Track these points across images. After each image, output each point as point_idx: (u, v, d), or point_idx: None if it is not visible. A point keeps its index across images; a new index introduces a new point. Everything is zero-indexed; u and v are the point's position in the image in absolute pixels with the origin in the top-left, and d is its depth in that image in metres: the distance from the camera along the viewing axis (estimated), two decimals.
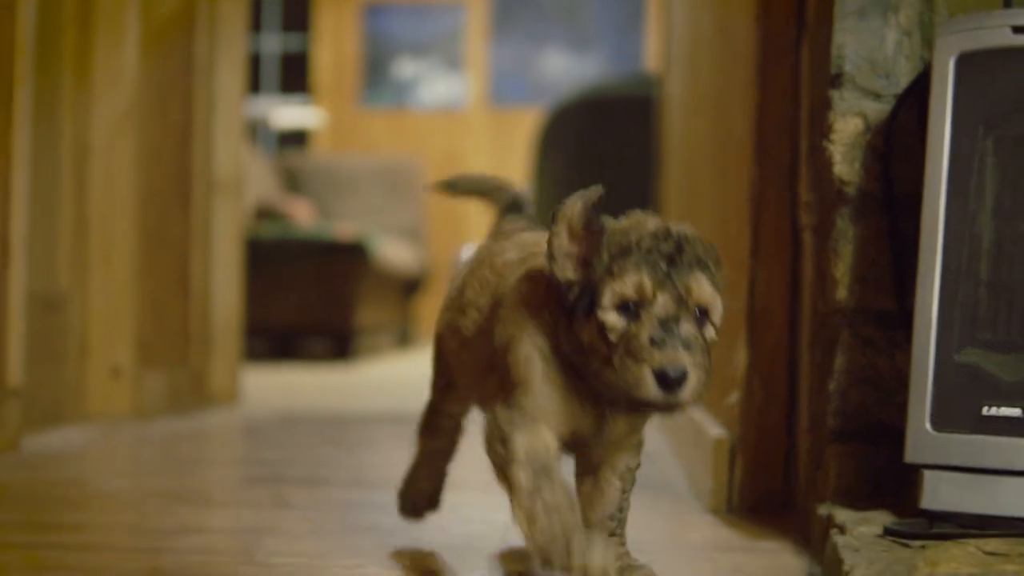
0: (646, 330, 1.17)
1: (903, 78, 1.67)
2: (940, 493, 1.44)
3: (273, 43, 9.59)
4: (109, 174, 3.08)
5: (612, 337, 1.19)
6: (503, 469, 1.24)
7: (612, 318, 1.19)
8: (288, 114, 9.17)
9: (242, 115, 3.76)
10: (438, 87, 9.45)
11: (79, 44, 3.02)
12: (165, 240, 3.40)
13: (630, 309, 1.19)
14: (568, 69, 9.32)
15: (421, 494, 1.64)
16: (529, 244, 1.41)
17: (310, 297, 6.04)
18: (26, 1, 2.53)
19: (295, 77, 9.52)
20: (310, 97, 9.35)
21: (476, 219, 8.60)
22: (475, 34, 9.44)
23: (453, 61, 9.46)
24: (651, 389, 1.15)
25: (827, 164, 1.67)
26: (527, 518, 1.20)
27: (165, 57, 3.40)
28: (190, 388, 3.51)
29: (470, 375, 1.43)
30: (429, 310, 8.70)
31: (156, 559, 1.53)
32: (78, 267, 3.02)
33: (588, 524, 1.33)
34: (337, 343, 6.17)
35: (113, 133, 3.08)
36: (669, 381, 1.15)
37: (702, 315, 1.20)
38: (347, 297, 6.07)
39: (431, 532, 1.71)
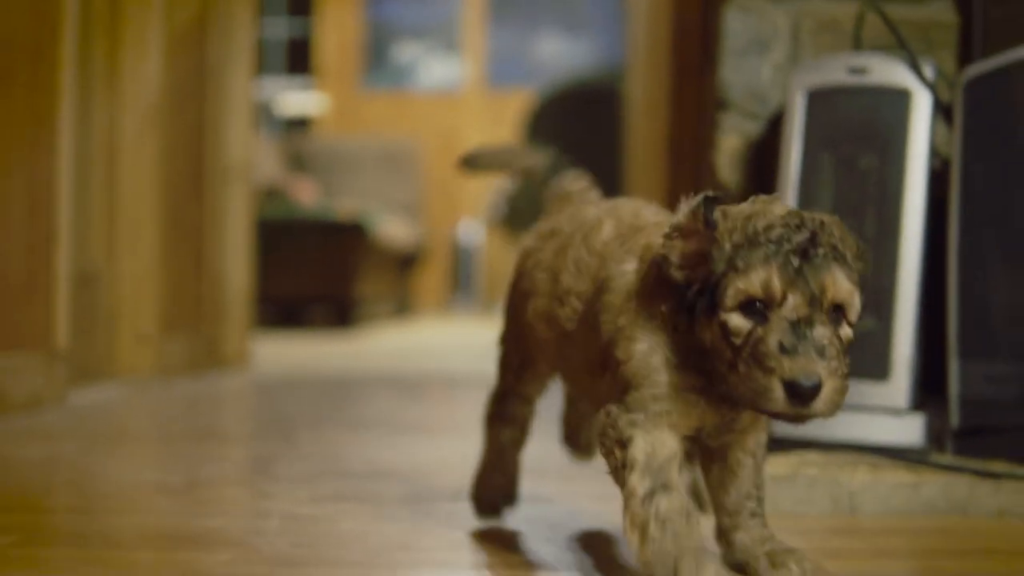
0: (775, 335, 1.06)
1: (775, 104, 2.12)
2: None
3: (278, 27, 10.01)
4: (135, 166, 3.53)
5: (736, 341, 1.08)
6: (619, 474, 1.16)
7: (736, 320, 1.09)
8: (293, 99, 9.58)
9: (251, 110, 4.21)
10: (437, 70, 9.86)
11: (109, 51, 3.46)
12: (183, 223, 3.85)
13: (756, 309, 1.08)
14: (562, 53, 9.74)
15: (498, 491, 1.54)
16: (625, 217, 1.30)
17: (314, 271, 6.52)
18: (68, 18, 2.97)
19: (299, 60, 9.94)
20: (313, 79, 9.77)
21: (471, 196, 9.05)
22: (472, 18, 9.85)
23: (451, 44, 9.87)
24: (780, 401, 1.05)
25: (713, 171, 2.13)
26: (638, 528, 1.12)
27: (183, 59, 3.85)
28: (206, 352, 3.98)
29: (578, 371, 1.33)
30: (425, 281, 9.17)
31: (191, 472, 1.99)
32: (109, 248, 3.48)
33: (724, 509, 1.25)
34: (339, 312, 6.65)
35: (139, 130, 3.53)
36: (801, 393, 1.04)
37: (837, 313, 1.09)
38: (347, 271, 6.55)
39: (406, 455, 2.17)
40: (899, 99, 1.93)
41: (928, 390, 1.95)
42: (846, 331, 1.10)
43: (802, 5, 2.12)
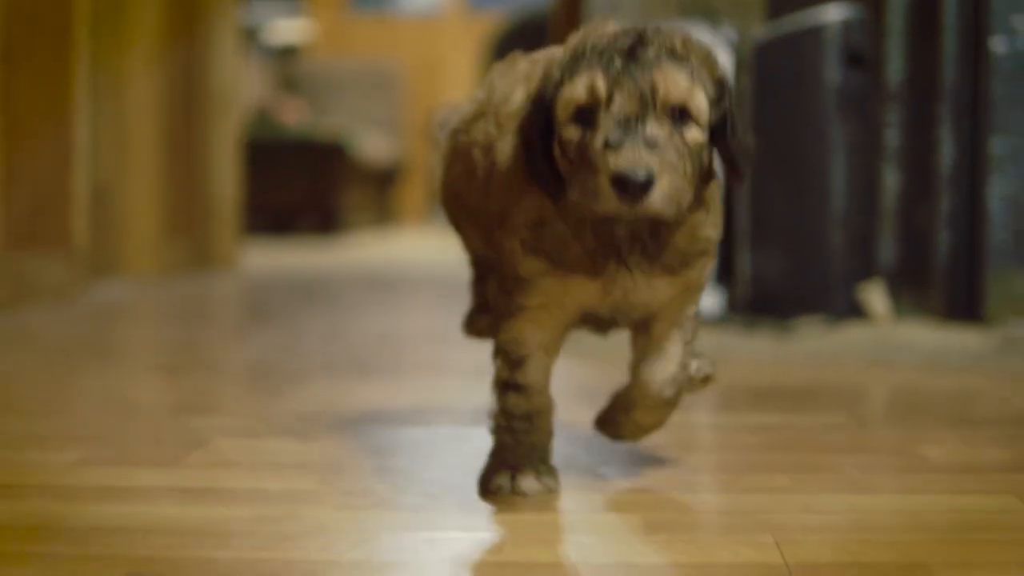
0: (601, 133, 1.00)
1: None
2: None
3: None
4: (139, 96, 4.19)
5: (571, 153, 1.03)
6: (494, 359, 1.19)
7: (569, 132, 1.03)
8: (283, 26, 10.14)
9: (237, 45, 4.85)
10: None
11: (116, 3, 4.10)
12: (180, 144, 4.51)
13: (587, 117, 1.02)
14: None
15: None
16: (538, 72, 1.15)
17: (300, 185, 7.22)
18: None
19: None
20: (302, 3, 10.32)
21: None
22: None
23: None
24: (609, 198, 0.98)
25: None
26: (491, 416, 1.20)
27: (177, 3, 4.48)
28: (200, 254, 4.66)
29: (482, 238, 1.27)
30: (409, 195, 9.82)
31: (187, 339, 2.68)
32: (118, 165, 4.14)
33: (647, 389, 1.19)
34: (323, 221, 7.36)
35: (141, 65, 4.18)
36: (626, 185, 0.97)
37: (680, 116, 1.02)
38: (330, 185, 7.25)
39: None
40: None
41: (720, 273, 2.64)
42: (694, 133, 1.03)
43: None
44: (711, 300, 2.56)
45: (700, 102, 1.03)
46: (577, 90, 1.03)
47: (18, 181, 3.15)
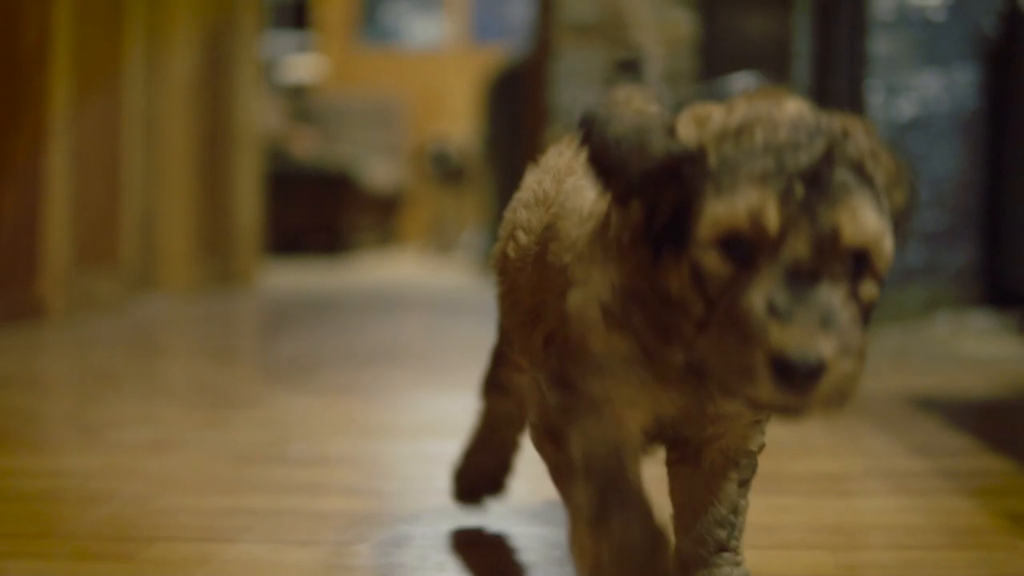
0: (762, 289, 0.73)
1: None
2: None
3: None
4: (174, 134, 4.83)
5: (711, 291, 0.76)
6: (558, 477, 0.88)
7: (712, 260, 0.76)
8: (296, 63, 10.71)
9: (257, 91, 5.49)
10: (422, 28, 11.02)
11: (153, 55, 4.74)
12: (208, 175, 5.15)
13: (742, 250, 0.75)
14: None
15: (482, 472, 1.26)
16: None
17: (311, 210, 7.92)
18: (132, 32, 4.24)
19: (302, 18, 11.11)
20: (313, 36, 10.95)
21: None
22: None
23: (436, 3, 11.01)
24: (764, 385, 0.72)
25: None
26: (587, 561, 0.84)
27: (204, 56, 5.13)
28: (225, 272, 5.30)
29: (515, 326, 1.00)
30: (406, 216, 10.45)
31: (223, 340, 3.30)
32: (158, 194, 4.78)
33: (686, 532, 0.94)
34: (331, 242, 8.06)
35: (176, 108, 4.82)
36: (793, 376, 0.71)
37: (858, 264, 0.75)
38: (337, 209, 7.98)
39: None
40: None
41: None
42: (869, 290, 0.77)
43: None
44: None
45: (887, 250, 0.76)
46: (738, 211, 0.74)
47: (82, 207, 3.78)
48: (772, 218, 0.73)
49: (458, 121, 9.95)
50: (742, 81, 3.12)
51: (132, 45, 4.27)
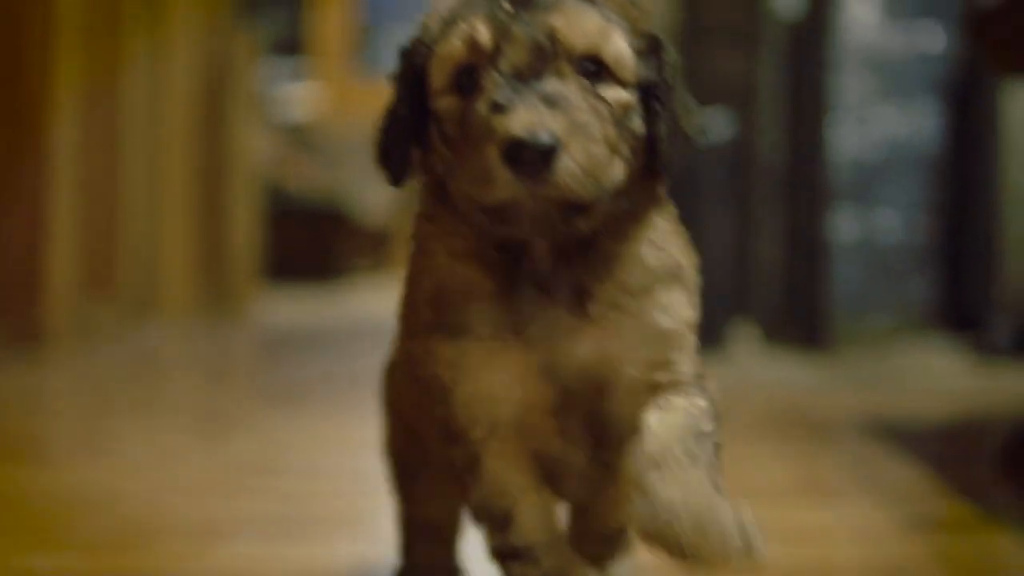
0: (487, 95, 0.73)
1: None
2: None
3: (279, 22, 11.34)
4: (176, 164, 4.99)
5: (450, 131, 0.76)
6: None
7: (447, 102, 0.76)
8: (292, 95, 10.83)
9: (252, 131, 5.67)
10: None
11: (150, 80, 4.90)
12: (206, 206, 5.31)
13: (469, 81, 0.75)
14: None
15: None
16: None
17: (306, 240, 8.18)
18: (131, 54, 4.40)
19: (298, 47, 11.27)
20: (309, 64, 11.10)
21: None
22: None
23: None
24: (502, 178, 0.70)
25: None
26: None
27: (200, 105, 5.29)
28: (223, 297, 5.46)
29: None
30: (398, 245, 10.61)
31: (220, 364, 3.45)
32: (156, 222, 4.93)
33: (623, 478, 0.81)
34: (324, 270, 8.26)
35: (176, 143, 4.99)
36: (521, 154, 0.69)
37: (594, 68, 0.75)
38: (330, 240, 8.25)
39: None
40: None
41: None
42: (615, 92, 0.75)
43: None
44: None
45: (618, 49, 0.76)
46: (454, 45, 0.76)
47: (84, 234, 3.93)
48: (483, 34, 0.74)
49: None
50: (709, 116, 3.29)
51: (132, 76, 4.44)
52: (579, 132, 0.72)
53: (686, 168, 0.79)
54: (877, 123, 3.26)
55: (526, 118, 0.70)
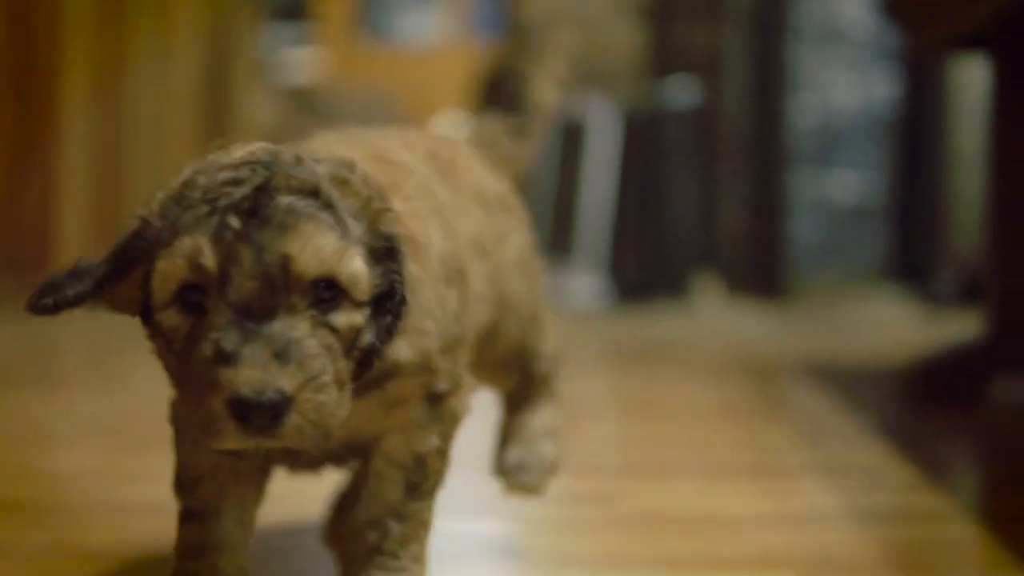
0: (212, 334, 0.70)
1: None
2: None
3: None
4: (179, 130, 5.21)
5: (176, 347, 0.73)
6: None
7: (170, 318, 0.73)
8: (295, 59, 10.94)
9: (253, 91, 5.88)
10: (421, 21, 11.24)
11: (155, 51, 5.12)
12: None
13: (195, 299, 0.72)
14: None
15: None
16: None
17: None
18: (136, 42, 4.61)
19: (302, 11, 11.35)
20: (313, 28, 11.19)
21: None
22: None
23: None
24: (229, 431, 0.69)
25: None
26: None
27: (203, 67, 5.51)
28: None
29: None
30: None
31: None
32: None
33: (349, 526, 0.91)
34: None
35: (181, 112, 5.21)
36: (246, 414, 0.68)
37: (329, 293, 0.72)
38: None
39: None
40: None
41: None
42: (348, 317, 0.73)
43: None
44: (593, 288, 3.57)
45: (354, 271, 0.73)
46: (176, 262, 0.71)
47: (94, 204, 4.15)
48: (208, 256, 0.70)
49: (451, 114, 10.20)
50: (678, 83, 3.52)
51: (139, 50, 4.66)
52: (309, 385, 0.70)
53: (655, 133, 0.80)
54: (835, 91, 3.49)
55: (253, 376, 0.68)
